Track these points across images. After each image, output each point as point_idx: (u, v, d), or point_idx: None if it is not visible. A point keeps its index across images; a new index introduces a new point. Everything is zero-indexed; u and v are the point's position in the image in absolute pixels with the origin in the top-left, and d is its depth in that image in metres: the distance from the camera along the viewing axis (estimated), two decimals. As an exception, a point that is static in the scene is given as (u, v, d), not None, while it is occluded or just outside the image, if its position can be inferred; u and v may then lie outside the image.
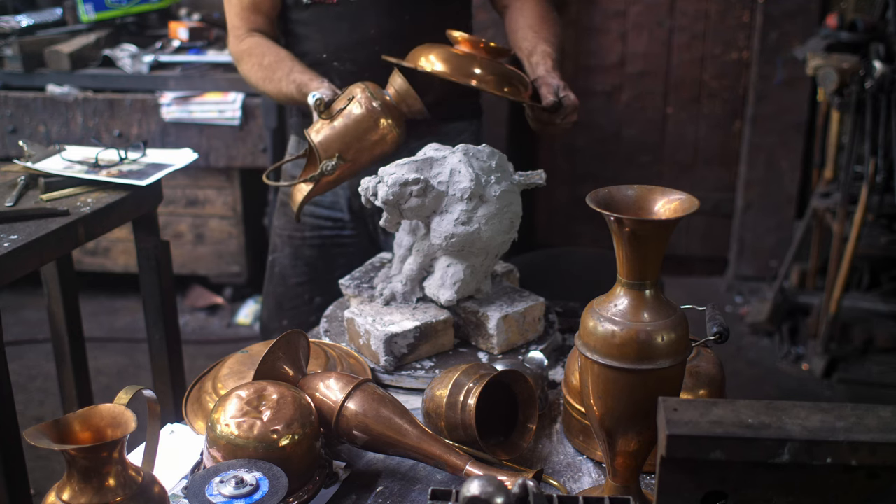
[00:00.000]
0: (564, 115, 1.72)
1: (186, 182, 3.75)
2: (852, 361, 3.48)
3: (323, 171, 1.63)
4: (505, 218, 1.53)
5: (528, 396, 1.31)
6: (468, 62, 1.64)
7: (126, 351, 3.64)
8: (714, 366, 1.33)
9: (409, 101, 1.68)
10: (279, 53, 1.88)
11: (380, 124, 1.64)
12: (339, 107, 1.66)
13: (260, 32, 1.94)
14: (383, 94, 1.67)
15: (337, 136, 1.64)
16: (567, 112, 1.72)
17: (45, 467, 2.70)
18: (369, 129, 1.64)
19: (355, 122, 1.64)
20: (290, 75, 1.81)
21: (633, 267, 1.08)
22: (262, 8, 1.94)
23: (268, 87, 1.88)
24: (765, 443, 0.91)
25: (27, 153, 2.00)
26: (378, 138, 1.65)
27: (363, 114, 1.64)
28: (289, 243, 2.08)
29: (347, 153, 1.64)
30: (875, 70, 3.14)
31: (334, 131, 1.65)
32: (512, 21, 1.99)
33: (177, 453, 1.35)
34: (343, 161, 1.64)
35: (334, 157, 1.63)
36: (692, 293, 4.02)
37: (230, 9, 1.95)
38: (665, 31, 4.23)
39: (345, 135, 1.64)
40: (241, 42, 1.93)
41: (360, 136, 1.64)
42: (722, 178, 4.35)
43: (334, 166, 1.63)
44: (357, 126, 1.64)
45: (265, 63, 1.87)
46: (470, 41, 1.67)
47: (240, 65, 1.95)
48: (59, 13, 3.86)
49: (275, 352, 1.29)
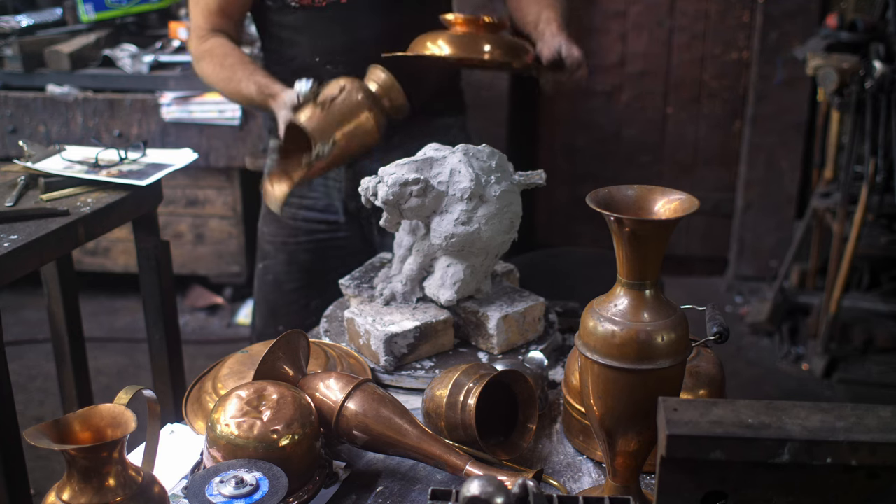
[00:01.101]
0: (571, 72, 1.73)
1: (186, 182, 3.75)
2: (852, 361, 3.48)
3: (318, 154, 1.64)
4: (505, 218, 1.53)
5: (528, 396, 1.31)
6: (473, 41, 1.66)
7: (126, 351, 3.64)
8: (714, 366, 1.33)
9: (392, 95, 1.70)
10: (241, 56, 1.89)
11: (372, 113, 1.67)
12: (331, 94, 1.67)
13: (223, 34, 1.94)
14: (368, 86, 1.70)
15: (334, 121, 1.65)
16: (573, 68, 1.73)
17: (45, 467, 2.70)
18: (360, 114, 1.66)
19: (349, 108, 1.66)
20: (251, 76, 1.82)
21: (633, 267, 1.08)
22: (228, 11, 1.93)
23: (227, 86, 1.89)
24: (765, 443, 0.91)
25: (27, 153, 2.00)
26: (365, 124, 1.67)
27: (357, 100, 1.66)
28: (282, 249, 2.07)
29: (342, 139, 1.65)
30: (875, 70, 3.14)
31: (331, 116, 1.65)
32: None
33: (177, 453, 1.35)
34: (336, 145, 1.65)
35: (329, 141, 1.64)
36: (692, 293, 4.02)
37: (195, 9, 1.95)
38: (665, 31, 4.23)
39: (341, 120, 1.65)
40: (204, 42, 1.93)
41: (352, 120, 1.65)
42: (722, 178, 4.35)
43: (330, 150, 1.63)
44: (351, 110, 1.66)
45: (226, 63, 1.87)
46: (467, 20, 1.68)
47: (199, 63, 1.94)
48: (59, 13, 3.86)
49: (275, 352, 1.29)
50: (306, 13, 1.87)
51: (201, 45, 1.93)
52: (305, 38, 1.90)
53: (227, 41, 1.93)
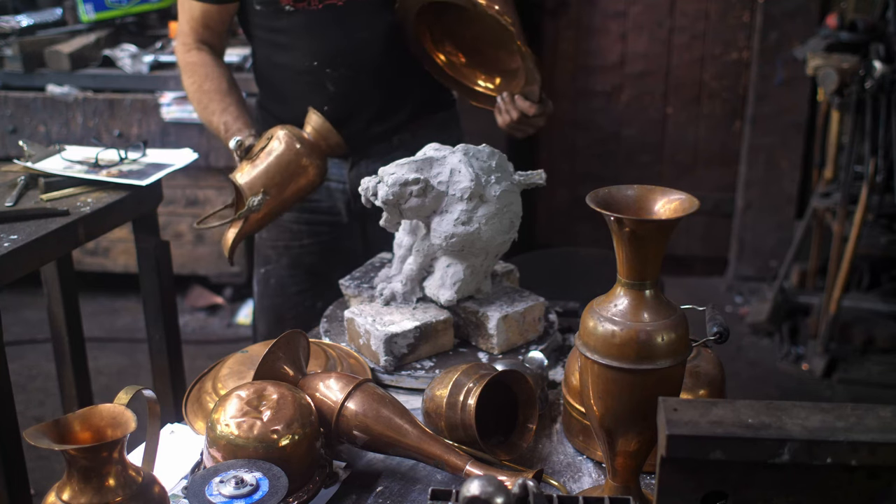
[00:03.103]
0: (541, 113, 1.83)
1: (186, 182, 3.75)
2: (852, 361, 3.48)
3: (250, 207, 1.71)
4: (505, 218, 1.53)
5: (528, 396, 1.31)
6: None
7: (126, 351, 3.64)
8: (714, 366, 1.33)
9: (327, 137, 1.77)
10: (220, 83, 1.90)
11: (300, 158, 1.73)
12: (259, 146, 1.74)
13: (207, 45, 1.96)
14: (301, 132, 1.76)
15: (260, 173, 1.73)
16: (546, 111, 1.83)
17: (45, 467, 2.70)
18: (290, 162, 1.73)
19: (277, 158, 1.73)
20: (222, 114, 1.86)
21: (633, 267, 1.08)
22: (211, 23, 1.94)
23: (201, 112, 1.93)
24: (765, 443, 0.91)
25: (27, 153, 2.00)
26: (300, 172, 1.74)
27: (284, 149, 1.73)
28: (285, 254, 2.06)
29: (272, 189, 1.73)
30: (875, 70, 3.14)
31: (257, 169, 1.73)
32: None
33: (177, 453, 1.35)
34: (268, 196, 1.72)
35: (259, 193, 1.71)
36: (692, 293, 4.02)
37: (182, 14, 1.96)
38: (665, 31, 4.23)
39: (267, 171, 1.73)
40: (188, 52, 1.95)
41: (283, 170, 1.73)
42: (722, 178, 4.35)
43: (260, 202, 1.71)
44: (279, 161, 1.73)
45: (205, 88, 1.90)
46: None
47: (182, 74, 1.97)
48: (59, 13, 3.86)
49: (275, 352, 1.29)
50: (301, 16, 1.85)
51: (185, 55, 1.95)
52: (301, 42, 1.88)
53: (210, 59, 1.94)
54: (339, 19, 1.85)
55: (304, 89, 1.91)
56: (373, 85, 1.91)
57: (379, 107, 1.93)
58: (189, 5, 1.92)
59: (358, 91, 1.91)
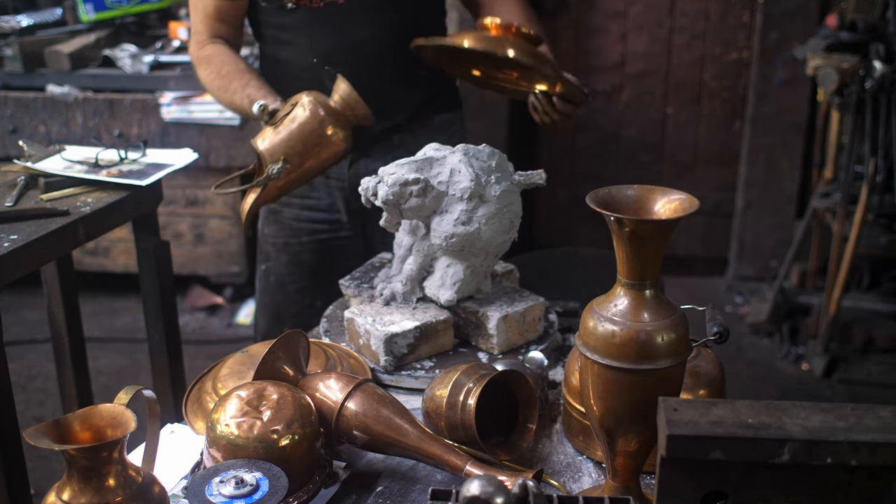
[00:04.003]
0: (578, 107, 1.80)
1: (186, 182, 3.75)
2: (852, 361, 3.48)
3: (269, 175, 1.65)
4: (505, 218, 1.53)
5: (528, 396, 1.31)
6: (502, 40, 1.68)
7: (126, 351, 3.64)
8: (714, 366, 1.33)
9: (354, 107, 1.70)
10: (238, 64, 1.88)
11: (325, 128, 1.66)
12: (283, 113, 1.68)
13: (222, 40, 1.94)
14: (327, 100, 1.69)
15: (281, 140, 1.66)
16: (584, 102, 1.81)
17: (45, 467, 2.70)
18: (313, 131, 1.66)
19: (299, 126, 1.66)
20: (245, 89, 1.82)
21: (633, 267, 1.08)
22: (225, 17, 1.93)
23: (223, 95, 1.90)
24: (765, 443, 0.91)
25: (27, 153, 2.00)
26: (323, 142, 1.67)
27: (308, 117, 1.66)
28: (284, 250, 2.06)
29: (293, 157, 1.66)
30: (875, 70, 3.14)
31: (279, 136, 1.66)
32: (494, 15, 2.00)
33: (177, 453, 1.35)
34: (288, 164, 1.65)
35: (279, 161, 1.65)
36: (692, 293, 4.02)
37: (195, 14, 1.95)
38: (665, 31, 4.23)
39: (289, 139, 1.66)
40: (203, 48, 1.94)
41: (305, 139, 1.66)
42: (722, 178, 4.35)
43: (279, 170, 1.64)
44: (301, 129, 1.66)
45: (223, 72, 1.88)
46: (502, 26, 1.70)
47: (198, 69, 1.95)
48: (59, 13, 3.86)
49: (275, 352, 1.29)
50: (303, 13, 1.86)
51: (200, 50, 1.94)
52: (303, 38, 1.89)
53: (226, 48, 1.93)
54: (340, 17, 1.86)
55: (304, 86, 1.92)
56: (373, 83, 1.91)
57: (379, 105, 1.93)
58: (202, 3, 1.92)
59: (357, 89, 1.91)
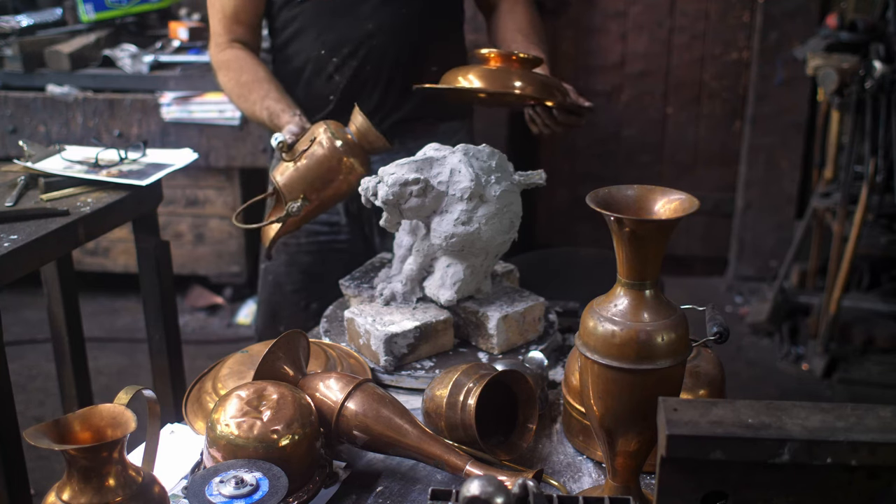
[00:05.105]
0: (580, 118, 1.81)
1: (186, 182, 3.75)
2: (852, 361, 3.48)
3: (289, 212, 1.66)
4: (505, 218, 1.53)
5: (528, 396, 1.31)
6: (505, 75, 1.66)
7: (126, 351, 3.64)
8: (714, 366, 1.33)
9: (370, 138, 1.70)
10: (257, 73, 1.88)
11: (342, 163, 1.66)
12: (301, 148, 1.68)
13: (241, 42, 1.94)
14: (345, 134, 1.69)
15: (301, 177, 1.67)
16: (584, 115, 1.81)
17: (45, 467, 2.70)
18: (332, 168, 1.66)
19: (318, 163, 1.66)
20: (264, 100, 1.82)
21: (633, 267, 1.08)
22: (243, 18, 1.93)
23: (242, 104, 1.90)
24: (765, 443, 0.91)
25: (27, 153, 2.00)
26: (342, 177, 1.68)
27: (325, 154, 1.66)
28: (283, 251, 2.06)
29: (312, 194, 1.67)
30: (875, 70, 3.14)
31: (298, 173, 1.67)
32: (500, 24, 2.02)
33: (177, 453, 1.35)
34: (308, 202, 1.67)
35: (299, 198, 1.66)
36: (692, 293, 4.02)
37: (213, 16, 1.96)
38: (665, 31, 4.23)
39: (308, 176, 1.67)
40: (222, 52, 1.94)
41: (324, 176, 1.67)
42: (722, 178, 4.35)
43: (299, 207, 1.66)
44: (320, 167, 1.67)
45: (242, 80, 1.88)
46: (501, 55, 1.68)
47: (218, 73, 1.96)
48: (59, 13, 3.86)
49: (275, 352, 1.29)
50: (311, 6, 1.89)
51: (219, 54, 1.95)
52: (312, 30, 1.92)
53: (245, 53, 1.93)
54: (348, 9, 1.88)
55: (312, 77, 1.94)
56: (377, 78, 1.92)
57: (380, 101, 1.94)
58: (220, 3, 1.92)
59: (361, 83, 1.92)
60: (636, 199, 1.10)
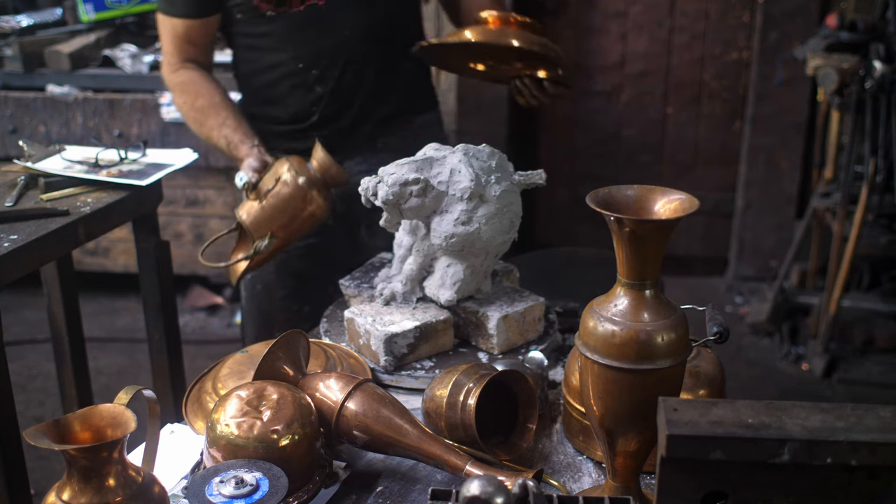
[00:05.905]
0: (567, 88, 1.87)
1: (186, 182, 3.75)
2: (852, 361, 3.48)
3: (256, 250, 1.70)
4: (505, 218, 1.53)
5: (528, 396, 1.31)
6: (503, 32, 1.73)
7: (126, 351, 3.64)
8: (714, 366, 1.33)
9: (332, 172, 1.74)
10: (213, 97, 1.88)
11: (307, 199, 1.71)
12: (266, 187, 1.71)
13: (193, 62, 1.94)
14: (308, 170, 1.72)
15: (268, 217, 1.71)
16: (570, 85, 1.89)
17: (45, 467, 2.70)
18: (297, 206, 1.71)
19: (284, 202, 1.71)
20: (221, 128, 1.84)
21: (633, 267, 1.08)
22: (195, 38, 1.92)
23: (199, 129, 1.91)
24: (765, 443, 0.91)
25: (27, 153, 2.00)
26: (307, 213, 1.72)
27: (291, 193, 1.70)
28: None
29: (279, 231, 1.71)
30: (875, 70, 3.14)
31: (265, 212, 1.71)
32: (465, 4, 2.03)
33: (177, 453, 1.35)
34: (275, 238, 1.71)
35: (266, 236, 1.70)
36: (692, 293, 4.02)
37: (164, 36, 1.94)
38: (665, 31, 4.23)
39: (275, 215, 1.71)
40: (175, 72, 1.93)
41: (290, 213, 1.71)
42: (722, 178, 4.35)
43: (267, 245, 1.70)
44: (286, 206, 1.71)
45: (198, 105, 1.88)
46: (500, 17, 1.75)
47: (173, 94, 1.96)
48: (59, 13, 3.86)
49: (275, 352, 1.29)
50: (283, 20, 1.86)
51: (172, 75, 1.94)
52: (286, 45, 1.89)
53: (198, 75, 1.92)
54: (321, 18, 1.86)
55: (291, 91, 1.93)
56: (358, 82, 1.92)
57: (363, 102, 1.94)
58: (171, 24, 1.90)
59: (344, 90, 1.92)
60: (636, 199, 1.10)
